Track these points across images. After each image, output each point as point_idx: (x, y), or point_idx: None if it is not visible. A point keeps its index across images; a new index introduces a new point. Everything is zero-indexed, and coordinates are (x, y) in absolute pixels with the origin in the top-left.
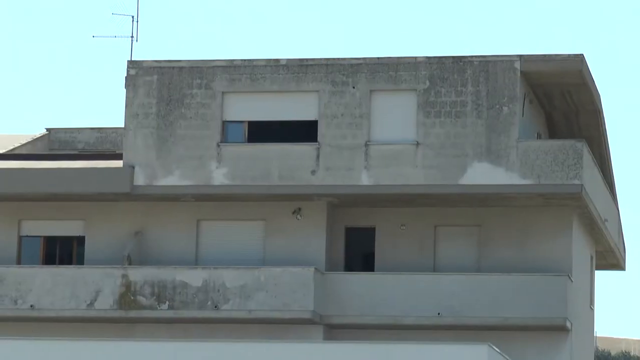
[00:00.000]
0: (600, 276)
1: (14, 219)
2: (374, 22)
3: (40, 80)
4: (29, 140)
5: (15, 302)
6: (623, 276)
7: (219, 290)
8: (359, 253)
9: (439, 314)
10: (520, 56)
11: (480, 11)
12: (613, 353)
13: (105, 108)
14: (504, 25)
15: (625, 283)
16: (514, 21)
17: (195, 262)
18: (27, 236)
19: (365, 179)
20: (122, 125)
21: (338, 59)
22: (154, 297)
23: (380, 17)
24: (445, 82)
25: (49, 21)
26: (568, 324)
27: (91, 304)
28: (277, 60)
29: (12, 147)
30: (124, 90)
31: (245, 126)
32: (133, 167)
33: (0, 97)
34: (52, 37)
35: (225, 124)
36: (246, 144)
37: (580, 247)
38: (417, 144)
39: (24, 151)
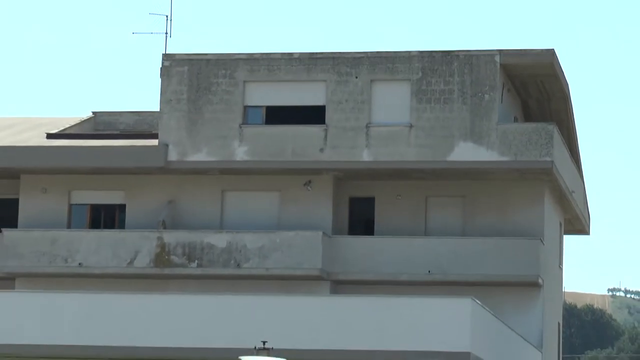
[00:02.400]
0: (568, 240)
1: (64, 190)
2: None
3: (88, 70)
4: (78, 122)
5: (66, 260)
6: (588, 240)
7: (240, 251)
8: (360, 219)
9: (429, 271)
10: (500, 51)
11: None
12: (579, 306)
13: (143, 94)
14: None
15: (590, 246)
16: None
17: (220, 226)
18: (75, 204)
19: (366, 156)
20: (158, 109)
21: (343, 52)
22: (185, 257)
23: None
24: (435, 73)
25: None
26: (540, 281)
27: (131, 262)
28: (290, 54)
29: (63, 128)
30: (160, 79)
31: (264, 110)
32: (167, 145)
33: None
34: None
35: (246, 108)
36: (264, 125)
37: (550, 215)
38: (411, 126)
39: (73, 131)
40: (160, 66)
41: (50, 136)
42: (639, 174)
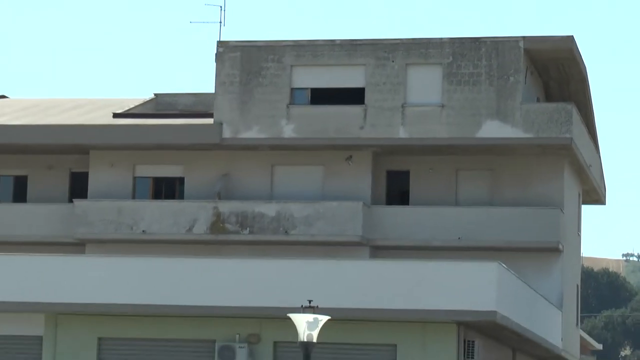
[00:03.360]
0: (586, 209)
1: (129, 164)
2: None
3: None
4: (141, 102)
5: (131, 228)
6: (604, 209)
7: (288, 219)
8: (396, 191)
9: (459, 238)
10: (524, 37)
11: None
12: (595, 269)
13: (199, 77)
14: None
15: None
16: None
17: (270, 197)
18: (139, 177)
19: (401, 133)
20: (213, 91)
21: (380, 39)
22: (238, 225)
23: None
24: (464, 57)
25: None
26: (560, 247)
27: (189, 229)
28: (333, 41)
29: (127, 108)
30: (214, 64)
31: (309, 92)
32: (221, 124)
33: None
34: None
35: (292, 90)
36: (309, 105)
37: (569, 187)
38: (442, 105)
39: (137, 111)
40: (215, 52)
41: (116, 115)
42: None
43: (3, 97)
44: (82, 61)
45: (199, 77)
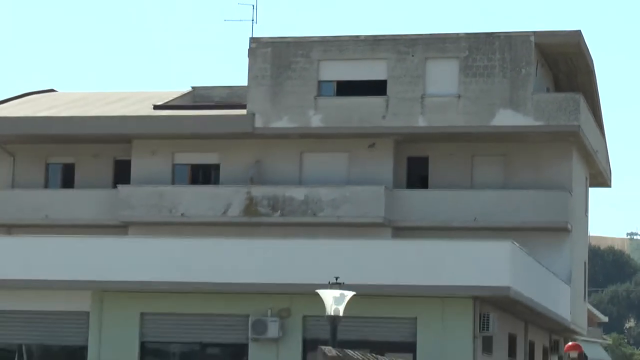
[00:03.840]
0: (593, 192)
1: (169, 152)
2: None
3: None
4: (179, 95)
5: (170, 211)
6: (609, 192)
7: (316, 202)
8: (416, 175)
9: (475, 219)
10: (534, 32)
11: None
12: (602, 247)
13: (233, 71)
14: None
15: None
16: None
17: (299, 182)
18: (178, 164)
19: (421, 122)
20: (246, 84)
21: (401, 35)
22: (270, 207)
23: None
24: (479, 51)
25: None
26: (569, 226)
27: (224, 212)
28: (357, 36)
29: (167, 100)
30: (247, 58)
31: (335, 84)
32: (254, 114)
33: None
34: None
35: (320, 82)
36: (335, 97)
37: (577, 171)
38: (459, 96)
39: (175, 103)
40: (248, 48)
41: (156, 107)
42: None
43: (52, 90)
44: (124, 56)
45: (233, 71)
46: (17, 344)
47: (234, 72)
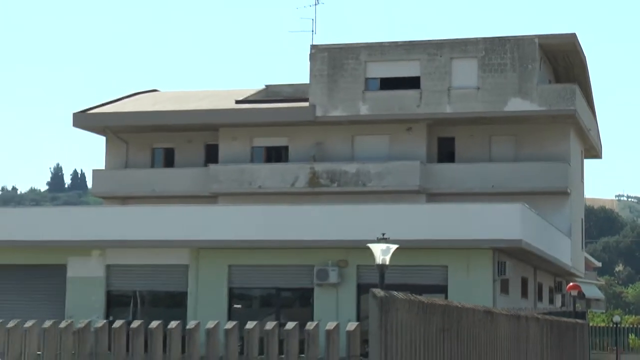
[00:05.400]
0: (587, 162)
1: (248, 137)
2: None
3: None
4: (255, 92)
5: (250, 184)
6: (600, 162)
7: (365, 175)
8: (445, 152)
9: (492, 186)
10: (538, 35)
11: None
12: (595, 207)
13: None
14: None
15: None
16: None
17: (352, 159)
18: (256, 146)
19: (448, 109)
20: (308, 82)
21: (431, 40)
22: (329, 179)
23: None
24: (494, 52)
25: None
26: (568, 190)
27: (293, 184)
28: (396, 42)
29: (245, 96)
30: (309, 61)
31: (379, 80)
32: (315, 106)
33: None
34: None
35: (366, 79)
36: (379, 90)
37: (574, 146)
38: (478, 88)
39: (252, 98)
40: (309, 53)
41: (237, 102)
42: (637, 115)
43: (155, 90)
44: (211, 61)
45: (297, 71)
46: (133, 291)
47: (298, 72)
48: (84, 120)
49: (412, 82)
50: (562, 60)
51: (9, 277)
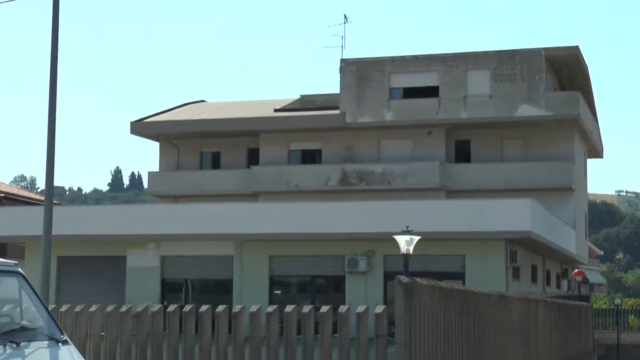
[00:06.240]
0: (590, 161)
1: (285, 142)
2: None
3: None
4: (291, 101)
5: (287, 183)
6: (602, 161)
7: (390, 174)
8: (462, 153)
9: (504, 183)
10: (544, 48)
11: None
12: (597, 201)
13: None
14: (535, 28)
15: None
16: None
17: (378, 160)
18: (292, 150)
19: (464, 115)
20: (338, 92)
21: (447, 53)
22: (358, 179)
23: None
24: (504, 64)
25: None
26: (573, 187)
27: (326, 183)
28: (416, 56)
29: (283, 105)
30: (339, 74)
31: (402, 90)
32: (345, 113)
33: (275, 78)
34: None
35: (391, 89)
36: (402, 99)
37: (578, 147)
38: (491, 96)
39: (289, 107)
40: (339, 66)
41: (276, 110)
42: (636, 118)
43: (202, 101)
44: (251, 73)
45: (329, 83)
46: (184, 279)
47: (330, 83)
48: (141, 128)
49: (431, 91)
50: (566, 69)
51: (76, 267)
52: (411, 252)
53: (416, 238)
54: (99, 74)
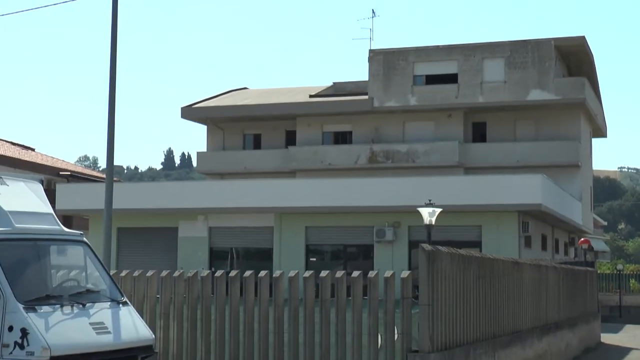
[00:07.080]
0: (595, 140)
1: (320, 124)
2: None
3: (328, 56)
4: (325, 87)
5: (321, 162)
6: (605, 140)
7: (414, 153)
8: (479, 134)
9: (517, 160)
10: (554, 38)
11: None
12: (601, 177)
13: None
14: (546, 18)
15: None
16: (551, 15)
17: (403, 140)
18: (326, 132)
19: (481, 99)
20: (367, 79)
21: (466, 43)
22: (385, 157)
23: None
24: (518, 52)
25: (334, 26)
26: (579, 164)
27: (356, 162)
28: (437, 46)
29: (317, 91)
30: (367, 63)
31: (424, 77)
32: (372, 98)
33: (311, 66)
34: (334, 36)
35: (414, 76)
36: (425, 85)
37: (584, 127)
38: (505, 81)
39: (323, 93)
40: (368, 56)
41: (311, 96)
42: (638, 100)
43: (245, 88)
44: (289, 62)
45: (358, 71)
46: (230, 247)
47: (359, 71)
48: (190, 112)
49: (451, 78)
50: (574, 57)
51: (133, 237)
52: (433, 223)
53: (438, 210)
54: (153, 63)
